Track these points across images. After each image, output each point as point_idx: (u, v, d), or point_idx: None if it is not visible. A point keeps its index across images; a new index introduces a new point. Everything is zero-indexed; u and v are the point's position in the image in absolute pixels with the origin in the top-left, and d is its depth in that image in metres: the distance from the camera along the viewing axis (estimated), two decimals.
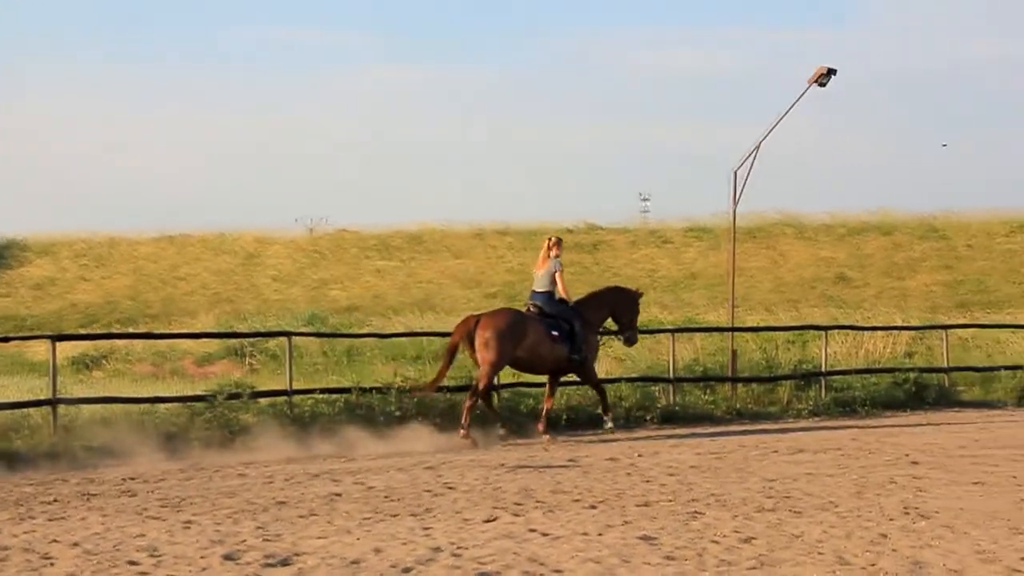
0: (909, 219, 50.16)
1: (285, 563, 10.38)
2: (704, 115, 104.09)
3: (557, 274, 20.81)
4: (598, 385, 21.72)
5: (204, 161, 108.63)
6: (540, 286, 21.09)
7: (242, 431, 18.26)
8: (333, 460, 17.05)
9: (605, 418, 21.03)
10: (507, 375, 21.81)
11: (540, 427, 20.58)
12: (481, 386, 20.06)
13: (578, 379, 21.88)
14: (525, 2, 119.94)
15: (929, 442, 19.46)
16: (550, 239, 21.67)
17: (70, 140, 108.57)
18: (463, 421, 19.45)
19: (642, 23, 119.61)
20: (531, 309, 21.07)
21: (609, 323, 22.10)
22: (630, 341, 22.56)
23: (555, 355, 20.47)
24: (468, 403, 19.84)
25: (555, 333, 20.40)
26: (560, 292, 20.90)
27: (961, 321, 32.08)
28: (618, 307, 22.00)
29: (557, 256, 21.10)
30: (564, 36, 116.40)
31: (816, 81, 25.59)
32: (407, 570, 10.13)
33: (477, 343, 20.03)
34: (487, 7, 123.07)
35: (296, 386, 20.36)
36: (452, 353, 20.61)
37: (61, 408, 17.82)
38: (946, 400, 25.32)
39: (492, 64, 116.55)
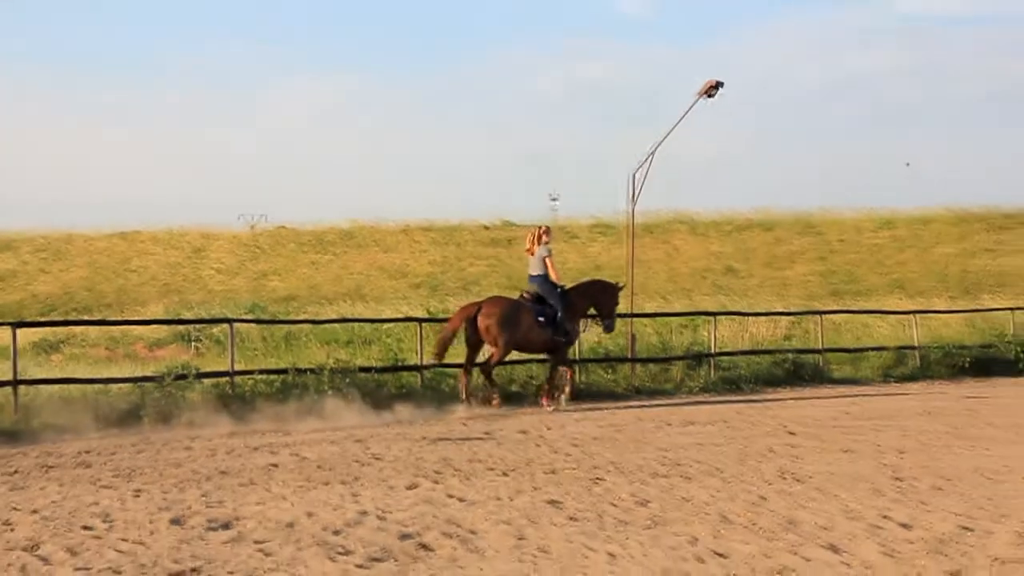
0: (788, 216, 50.59)
1: (226, 527, 10.37)
2: (611, 124, 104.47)
3: (547, 259, 20.95)
4: (568, 364, 21.77)
5: (153, 163, 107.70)
6: (534, 270, 21.21)
7: (188, 408, 18.16)
8: (271, 434, 16.97)
9: (559, 402, 21.06)
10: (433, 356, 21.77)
11: (545, 402, 21.01)
12: (494, 362, 20.62)
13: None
14: (445, 24, 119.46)
15: (804, 415, 19.64)
16: (540, 228, 21.76)
17: (32, 145, 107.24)
18: (466, 395, 20.26)
19: (560, 39, 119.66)
20: (525, 295, 21.30)
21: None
22: (608, 328, 22.56)
23: (543, 338, 20.83)
24: (464, 377, 20.52)
25: (541, 319, 20.65)
26: (553, 275, 21.02)
27: (834, 307, 32.36)
28: (600, 298, 22.13)
29: (546, 243, 21.19)
30: (485, 52, 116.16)
31: (705, 93, 25.72)
32: (337, 532, 10.13)
33: (480, 328, 20.32)
34: (409, 28, 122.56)
35: (238, 368, 20.29)
36: (450, 337, 20.89)
37: (22, 389, 17.63)
38: (820, 377, 25.57)
39: (419, 79, 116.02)
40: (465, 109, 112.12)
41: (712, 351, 25.39)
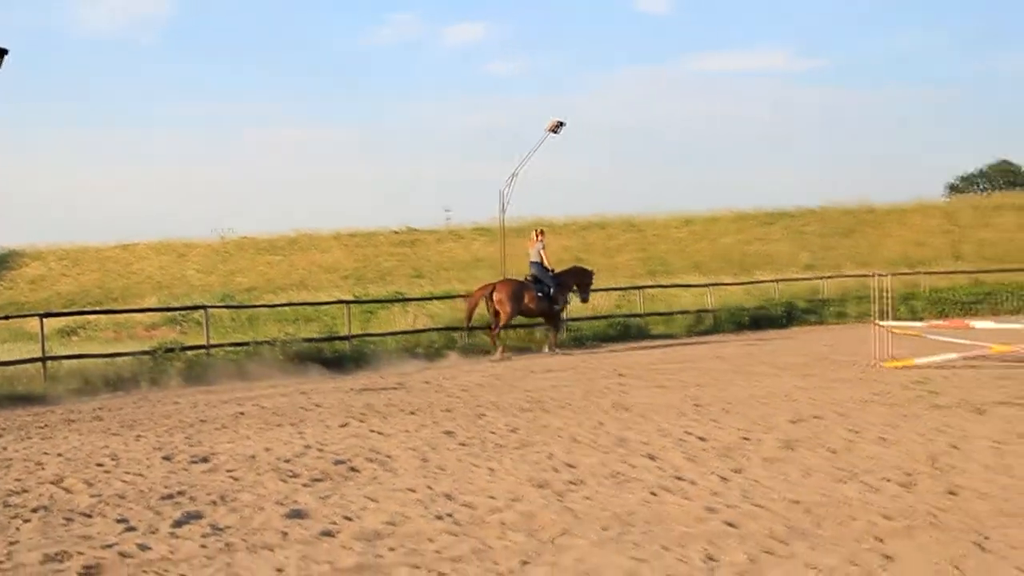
0: (617, 219, 51.04)
1: (205, 460, 10.28)
2: (489, 153, 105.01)
3: (542, 251, 22.71)
4: (559, 325, 23.63)
5: (148, 188, 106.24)
6: (534, 258, 22.84)
7: (175, 374, 17.97)
8: (238, 391, 16.81)
9: (555, 349, 22.66)
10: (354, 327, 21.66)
11: (547, 349, 22.78)
12: (500, 325, 22.19)
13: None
14: (369, 81, 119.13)
15: (631, 362, 19.84)
16: (538, 230, 23.94)
17: (55, 174, 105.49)
18: (498, 351, 21.85)
19: (456, 95, 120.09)
20: (528, 277, 22.77)
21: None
22: (584, 299, 24.05)
23: (541, 307, 22.51)
24: (492, 337, 22.37)
25: (539, 294, 22.27)
26: (546, 263, 22.75)
27: (650, 284, 32.69)
28: (580, 279, 23.56)
29: (541, 240, 22.89)
30: (406, 105, 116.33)
31: (552, 129, 25.83)
32: (287, 461, 10.09)
33: (495, 300, 21.98)
34: (342, 83, 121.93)
35: (213, 342, 20.05)
36: (474, 307, 22.65)
37: (49, 364, 17.42)
38: (642, 335, 25.74)
39: (351, 125, 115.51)
40: (386, 146, 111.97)
41: (564, 317, 25.51)
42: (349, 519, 7.68)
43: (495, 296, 21.98)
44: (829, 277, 34.20)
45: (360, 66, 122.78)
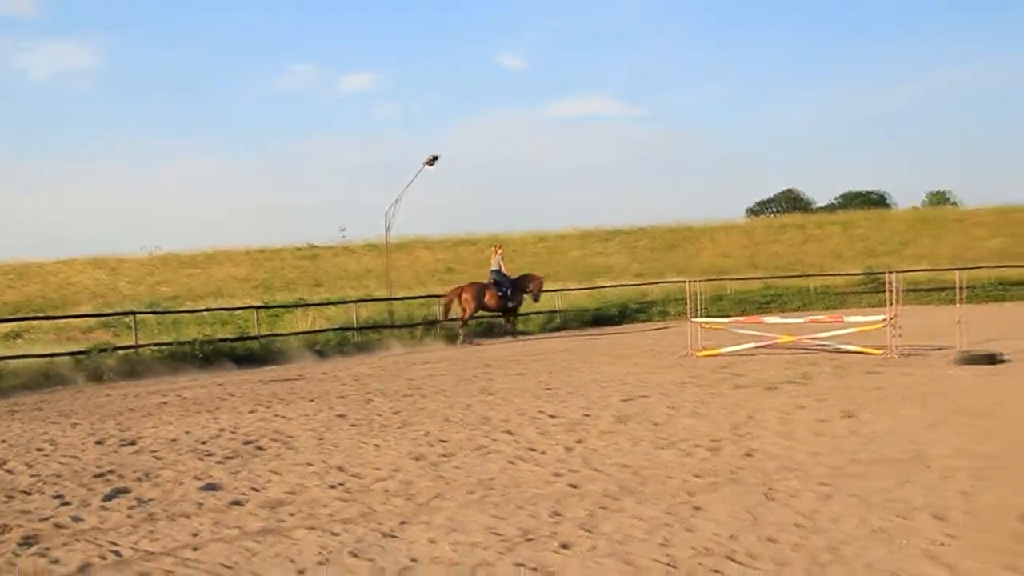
0: (485, 236, 51.04)
1: (132, 443, 9.98)
2: (377, 182, 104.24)
3: (501, 262, 24.01)
4: (515, 321, 24.76)
5: (84, 210, 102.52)
6: (494, 267, 24.04)
7: (108, 370, 17.37)
8: (162, 384, 16.34)
9: (516, 338, 24.11)
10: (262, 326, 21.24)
11: (510, 337, 24.08)
12: (465, 318, 23.56)
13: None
14: (270, 118, 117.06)
15: (496, 355, 19.87)
16: (496, 246, 25.36)
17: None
18: (463, 337, 23.38)
19: (346, 136, 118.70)
20: (490, 280, 23.89)
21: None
22: (536, 299, 24.81)
23: (500, 305, 23.72)
24: (462, 329, 23.64)
25: (500, 294, 23.50)
26: (504, 270, 23.99)
27: None
28: (532, 284, 24.33)
29: (499, 254, 24.36)
30: (311, 140, 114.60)
31: (428, 162, 25.74)
32: (204, 442, 9.86)
33: (463, 299, 23.50)
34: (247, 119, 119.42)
35: (141, 342, 19.41)
36: (450, 303, 23.91)
37: None
38: (504, 332, 25.62)
39: (263, 154, 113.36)
40: (290, 175, 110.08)
41: (440, 318, 25.43)
42: (256, 490, 7.53)
43: (463, 295, 23.53)
44: (655, 283, 34.76)
45: (267, 107, 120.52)
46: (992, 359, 14.31)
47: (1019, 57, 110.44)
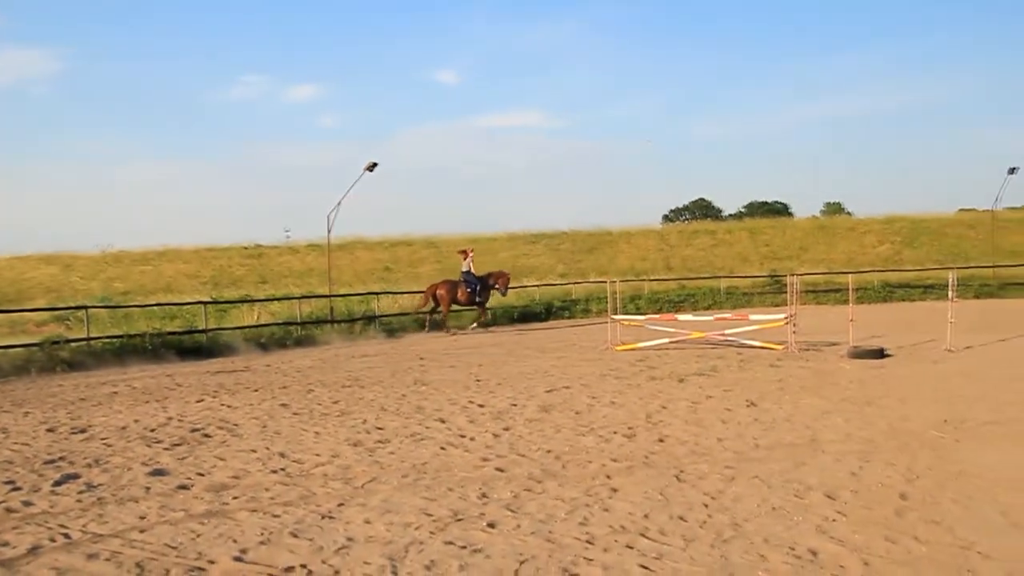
0: (419, 238, 50.83)
1: (83, 431, 9.72)
2: (322, 186, 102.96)
3: (471, 262, 24.28)
4: (485, 312, 25.03)
5: (42, 211, 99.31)
6: (465, 268, 24.26)
7: (61, 362, 16.86)
8: (113, 374, 15.94)
9: (478, 326, 24.58)
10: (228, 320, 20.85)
11: (474, 326, 24.58)
12: (443, 315, 24.14)
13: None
14: (204, 120, 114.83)
15: (430, 348, 19.77)
16: (468, 249, 25.59)
17: None
18: (447, 329, 23.91)
19: (285, 142, 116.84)
20: (461, 278, 24.25)
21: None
22: (503, 294, 25.31)
23: (470, 299, 24.16)
24: (443, 323, 24.18)
25: (469, 290, 23.99)
26: (473, 270, 24.23)
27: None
28: (499, 280, 24.68)
29: (471, 255, 24.76)
30: (240, 142, 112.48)
31: (368, 168, 25.52)
32: (152, 430, 9.65)
33: (438, 295, 23.97)
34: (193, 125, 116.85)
35: (93, 335, 18.91)
36: (427, 298, 24.49)
37: None
38: (436, 325, 25.55)
39: (219, 164, 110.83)
40: (239, 178, 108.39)
41: (378, 314, 25.25)
42: (202, 475, 7.40)
43: (438, 292, 24.12)
44: (577, 283, 34.97)
45: (219, 115, 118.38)
46: (879, 354, 14.71)
47: (901, 86, 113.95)
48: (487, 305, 25.29)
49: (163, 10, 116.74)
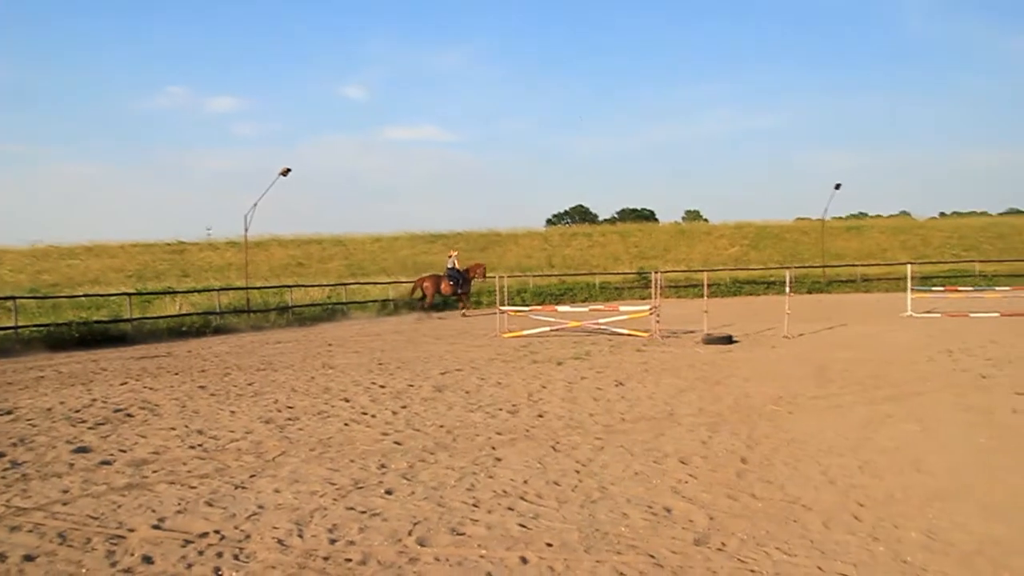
0: (328, 237, 49.94)
1: (9, 413, 9.24)
2: (240, 189, 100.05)
3: (455, 260, 25.49)
4: (467, 300, 25.75)
5: None
6: (450, 264, 25.30)
7: None
8: (41, 360, 15.14)
9: (465, 314, 25.06)
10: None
11: (462, 313, 25.09)
12: (427, 303, 24.87)
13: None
14: (163, 134, 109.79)
15: (338, 335, 19.47)
16: (452, 251, 27.59)
17: None
18: (429, 312, 24.93)
19: (212, 148, 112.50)
20: (446, 273, 25.11)
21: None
22: (482, 279, 25.97)
23: (453, 291, 24.94)
24: (427, 308, 24.91)
25: (451, 283, 24.85)
26: (457, 266, 25.25)
27: (352, 281, 32.17)
28: (477, 272, 25.55)
29: (455, 255, 26.16)
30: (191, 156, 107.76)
31: (282, 173, 24.93)
32: (77, 411, 9.24)
33: (424, 287, 24.87)
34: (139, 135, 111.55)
35: (20, 323, 17.93)
36: (414, 289, 25.51)
37: None
38: (345, 317, 25.24)
39: (148, 168, 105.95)
40: (163, 180, 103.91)
41: (290, 304, 24.73)
42: (124, 451, 7.14)
43: (424, 284, 24.97)
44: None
45: (146, 121, 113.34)
46: (728, 340, 15.22)
47: (750, 113, 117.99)
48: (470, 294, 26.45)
49: (93, 20, 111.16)
